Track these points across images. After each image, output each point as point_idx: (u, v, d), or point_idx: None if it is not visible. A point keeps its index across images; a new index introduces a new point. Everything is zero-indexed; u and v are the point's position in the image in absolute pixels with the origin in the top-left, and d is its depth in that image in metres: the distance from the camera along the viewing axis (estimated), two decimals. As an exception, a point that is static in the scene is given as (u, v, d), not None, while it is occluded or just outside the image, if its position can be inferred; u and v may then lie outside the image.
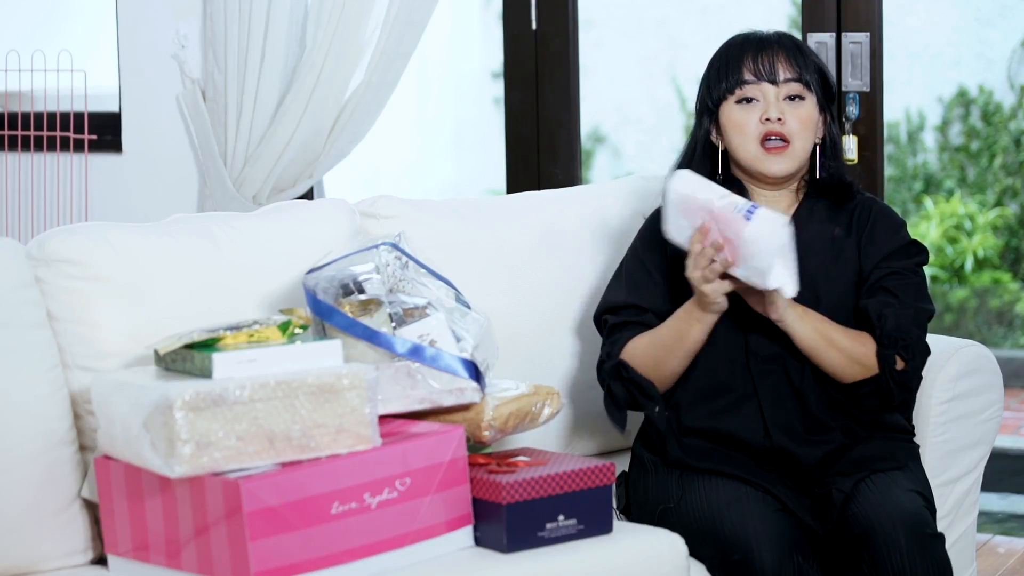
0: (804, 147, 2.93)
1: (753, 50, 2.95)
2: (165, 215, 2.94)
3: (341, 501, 2.42)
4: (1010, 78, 7.54)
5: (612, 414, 2.95)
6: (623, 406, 2.93)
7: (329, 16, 4.05)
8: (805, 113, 2.93)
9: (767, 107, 2.92)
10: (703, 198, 2.79)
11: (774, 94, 2.92)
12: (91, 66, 4.42)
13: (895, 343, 2.85)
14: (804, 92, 2.93)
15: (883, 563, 2.71)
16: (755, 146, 2.93)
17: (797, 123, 2.92)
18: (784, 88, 2.92)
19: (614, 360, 2.93)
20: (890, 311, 2.87)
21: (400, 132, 7.46)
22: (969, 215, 7.51)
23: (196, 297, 2.74)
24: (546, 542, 2.59)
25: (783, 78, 2.92)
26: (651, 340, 2.91)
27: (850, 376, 2.87)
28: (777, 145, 2.92)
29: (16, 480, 2.55)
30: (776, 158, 2.92)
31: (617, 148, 8.07)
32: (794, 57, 2.94)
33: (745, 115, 2.93)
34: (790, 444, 2.88)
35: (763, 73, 2.93)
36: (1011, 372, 6.66)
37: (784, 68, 2.93)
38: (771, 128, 2.91)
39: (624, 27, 7.90)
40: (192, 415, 2.35)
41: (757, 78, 2.93)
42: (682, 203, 2.82)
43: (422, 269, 2.80)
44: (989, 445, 3.21)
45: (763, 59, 2.93)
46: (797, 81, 2.93)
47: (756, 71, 2.93)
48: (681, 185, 2.83)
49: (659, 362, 2.89)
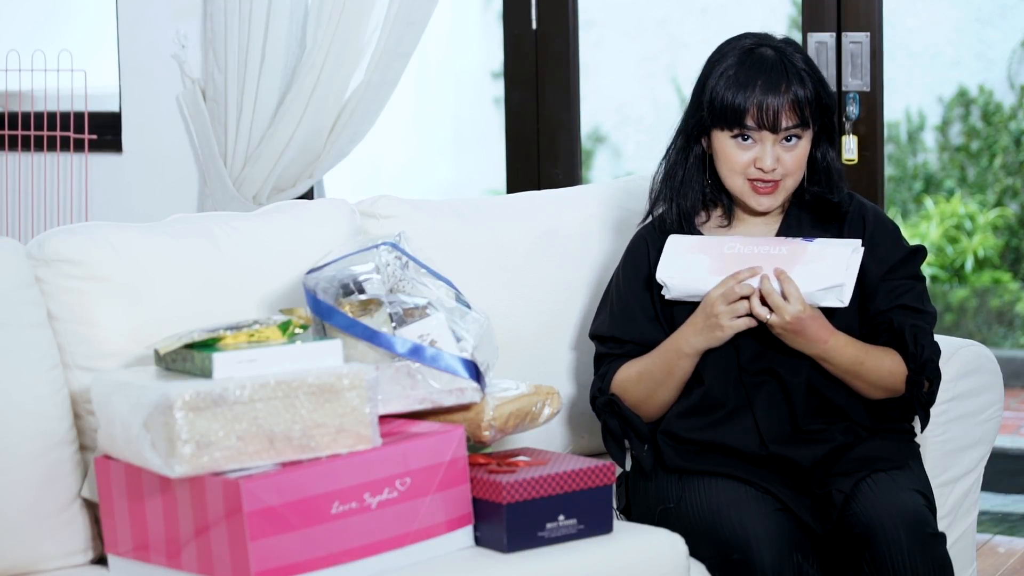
0: (794, 182, 2.91)
1: (759, 94, 2.84)
2: (165, 215, 2.94)
3: (341, 501, 2.42)
4: (1010, 78, 7.54)
5: (610, 448, 2.97)
6: (620, 440, 2.95)
7: (329, 16, 4.05)
8: (800, 151, 2.87)
9: (763, 154, 2.86)
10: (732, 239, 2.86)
11: (772, 140, 2.86)
12: (91, 66, 4.42)
13: (924, 368, 2.87)
14: (802, 134, 2.87)
15: (884, 562, 2.71)
16: (743, 182, 2.90)
17: (790, 163, 2.87)
18: (783, 135, 2.87)
19: (606, 396, 2.95)
20: (926, 339, 2.88)
21: (400, 132, 7.46)
22: (969, 215, 7.51)
23: (196, 297, 2.74)
24: (546, 542, 2.59)
25: (785, 126, 2.85)
26: (640, 373, 2.92)
27: (876, 397, 2.89)
28: (765, 187, 2.90)
29: (16, 480, 2.55)
30: (764, 197, 2.90)
31: (617, 148, 8.07)
32: (799, 102, 2.85)
33: (739, 153, 2.88)
34: (787, 450, 2.87)
35: (766, 123, 2.84)
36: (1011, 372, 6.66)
37: (787, 116, 2.85)
38: (762, 175, 2.88)
39: (624, 27, 7.90)
40: (192, 415, 2.35)
41: (759, 126, 2.85)
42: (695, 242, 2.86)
43: (422, 269, 2.80)
44: (989, 445, 3.21)
45: (768, 107, 2.84)
46: (797, 127, 2.86)
47: (759, 120, 2.84)
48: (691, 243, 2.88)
49: (650, 394, 2.92)
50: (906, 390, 2.87)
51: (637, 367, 2.92)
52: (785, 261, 2.80)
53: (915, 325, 2.89)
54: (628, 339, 2.96)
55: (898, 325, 2.88)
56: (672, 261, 2.87)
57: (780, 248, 2.82)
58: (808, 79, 2.87)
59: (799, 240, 2.84)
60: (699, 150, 2.94)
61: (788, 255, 2.81)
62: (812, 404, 2.89)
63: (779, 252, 2.81)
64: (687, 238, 2.89)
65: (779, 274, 2.78)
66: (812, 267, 2.79)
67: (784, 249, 2.82)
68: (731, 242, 2.85)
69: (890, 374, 2.86)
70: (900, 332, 2.88)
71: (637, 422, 2.92)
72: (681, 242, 2.89)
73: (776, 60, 2.87)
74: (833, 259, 2.79)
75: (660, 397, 2.91)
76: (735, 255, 2.83)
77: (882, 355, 2.87)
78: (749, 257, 2.81)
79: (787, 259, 2.81)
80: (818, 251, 2.81)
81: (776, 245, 2.83)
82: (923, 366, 2.86)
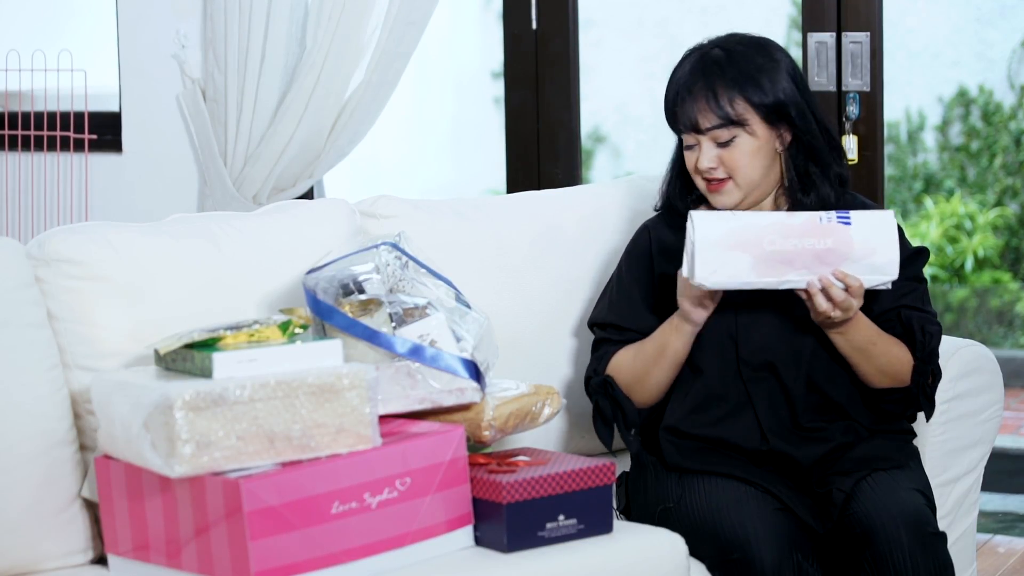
0: (747, 177, 2.89)
1: (679, 99, 2.90)
2: (165, 215, 2.94)
3: (341, 501, 2.42)
4: (1010, 78, 7.54)
5: (599, 429, 2.99)
6: (610, 423, 2.96)
7: (329, 16, 4.05)
8: (741, 150, 2.88)
9: (699, 154, 2.90)
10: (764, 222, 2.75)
11: (705, 141, 2.89)
12: (91, 66, 4.42)
13: (931, 358, 2.88)
14: (733, 132, 2.87)
15: (885, 562, 2.71)
16: (701, 182, 2.93)
17: (732, 161, 2.88)
18: (710, 135, 2.88)
19: (600, 376, 2.96)
20: (934, 329, 2.89)
21: (400, 132, 7.46)
22: (969, 215, 7.51)
23: (196, 297, 2.74)
24: (546, 542, 2.59)
25: (705, 127, 2.87)
26: (635, 353, 2.93)
27: (879, 385, 2.89)
28: (716, 185, 2.91)
29: (16, 480, 2.55)
30: (718, 195, 2.91)
31: (617, 148, 8.07)
32: (714, 101, 2.86)
33: (689, 156, 2.93)
34: (787, 447, 2.88)
35: (687, 124, 2.89)
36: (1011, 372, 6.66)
37: (704, 117, 2.87)
38: (705, 175, 2.91)
39: (624, 27, 7.91)
40: (192, 415, 2.35)
41: (685, 128, 2.90)
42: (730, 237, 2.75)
43: (422, 269, 2.80)
44: (989, 445, 3.21)
45: (684, 110, 2.89)
46: (721, 127, 2.87)
47: (683, 122, 2.90)
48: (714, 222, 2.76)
49: (644, 374, 2.92)
50: (912, 380, 2.88)
51: (633, 348, 2.94)
52: (834, 257, 2.76)
53: (922, 317, 2.91)
54: (627, 327, 2.97)
55: (906, 317, 2.90)
56: (709, 258, 2.75)
57: (824, 240, 2.75)
58: (740, 78, 2.87)
59: (836, 224, 2.76)
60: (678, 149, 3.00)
61: (835, 248, 2.75)
62: (812, 401, 2.90)
63: (824, 246, 2.75)
64: (714, 220, 2.76)
65: (841, 277, 2.77)
66: (864, 263, 2.77)
67: (829, 241, 2.75)
68: (769, 233, 2.75)
69: (898, 360, 2.87)
70: (908, 323, 2.89)
71: (628, 406, 2.94)
72: (711, 229, 2.75)
73: (709, 62, 2.90)
74: (880, 246, 2.75)
75: (654, 377, 2.91)
76: (777, 252, 2.75)
77: (892, 341, 2.88)
78: (792, 253, 2.75)
79: (835, 254, 2.76)
80: (863, 239, 2.75)
81: (817, 236, 2.75)
82: (930, 355, 2.87)
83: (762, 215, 2.78)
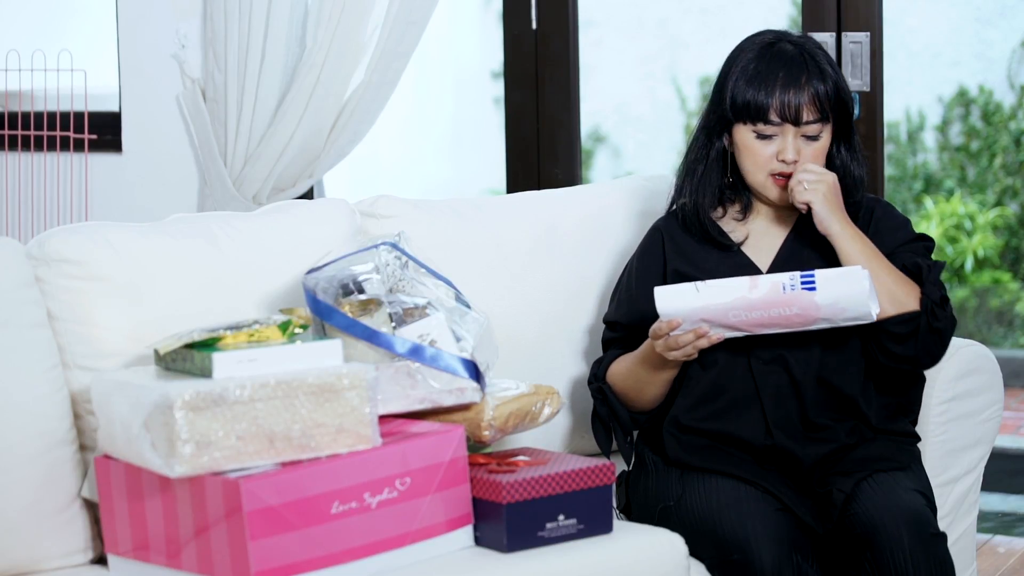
0: None
1: (782, 87, 2.87)
2: (165, 215, 2.94)
3: (341, 501, 2.43)
4: (1010, 78, 7.54)
5: (597, 432, 3.02)
6: (607, 428, 2.99)
7: (329, 16, 4.06)
8: (820, 147, 2.90)
9: (785, 147, 2.88)
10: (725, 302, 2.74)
11: (793, 133, 2.88)
12: (91, 66, 4.42)
13: (940, 288, 2.87)
14: (822, 128, 2.89)
15: (886, 562, 2.71)
16: (764, 175, 2.92)
17: (813, 157, 2.90)
18: (804, 128, 2.89)
19: (600, 382, 2.98)
20: (936, 266, 2.89)
21: (400, 132, 7.46)
22: (969, 215, 7.51)
23: (196, 297, 2.74)
24: (546, 542, 2.59)
25: (806, 119, 2.87)
26: (629, 369, 2.94)
27: (887, 308, 2.84)
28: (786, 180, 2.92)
29: (16, 480, 2.55)
30: (784, 190, 2.92)
31: (617, 148, 8.07)
32: (821, 96, 2.87)
33: (760, 146, 2.90)
34: (792, 444, 2.88)
35: (788, 116, 2.87)
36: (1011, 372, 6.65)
37: (809, 110, 2.87)
38: (784, 168, 2.90)
39: (624, 27, 7.90)
40: (192, 415, 2.35)
41: (782, 120, 2.87)
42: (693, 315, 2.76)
43: (422, 269, 2.80)
44: (989, 445, 3.21)
45: (790, 100, 2.86)
46: (819, 121, 2.88)
47: (782, 113, 2.87)
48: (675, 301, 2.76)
49: (638, 390, 2.94)
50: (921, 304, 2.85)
51: (628, 362, 2.95)
52: (802, 320, 2.76)
53: (925, 259, 2.91)
54: (634, 324, 2.98)
55: (910, 261, 2.90)
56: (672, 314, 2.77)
57: (790, 308, 2.74)
58: (828, 74, 2.89)
59: (800, 291, 2.74)
60: (720, 146, 2.96)
61: (802, 314, 2.75)
62: (821, 396, 2.90)
63: (790, 312, 2.75)
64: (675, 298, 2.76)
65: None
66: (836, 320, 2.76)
67: (795, 308, 2.75)
68: (732, 311, 2.75)
69: (904, 280, 2.86)
70: (914, 264, 2.89)
71: (623, 415, 2.96)
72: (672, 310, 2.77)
73: (796, 54, 2.90)
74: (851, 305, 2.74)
75: (649, 393, 2.93)
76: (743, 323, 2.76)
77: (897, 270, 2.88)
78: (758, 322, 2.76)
79: (803, 318, 2.76)
80: (831, 302, 2.74)
81: (782, 305, 2.74)
82: (937, 285, 2.86)
83: (724, 290, 2.75)
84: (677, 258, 2.98)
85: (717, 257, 2.98)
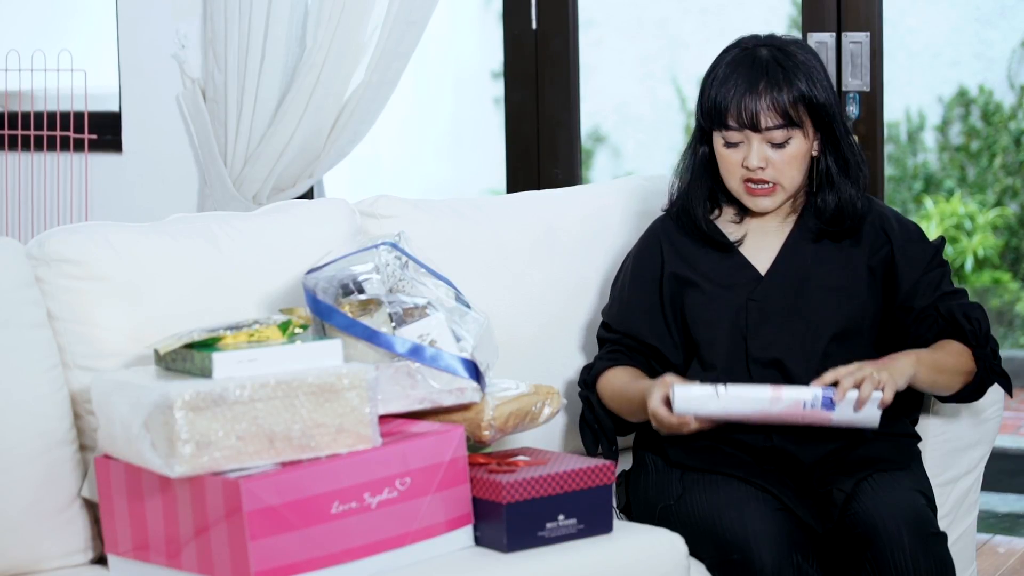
0: (793, 181, 2.91)
1: (739, 94, 2.86)
2: (165, 215, 2.94)
3: (341, 501, 2.42)
4: (1010, 78, 7.54)
5: (584, 435, 3.03)
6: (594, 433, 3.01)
7: (329, 16, 4.05)
8: (789, 154, 2.88)
9: (749, 153, 2.88)
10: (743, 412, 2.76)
11: (757, 140, 2.87)
12: (91, 66, 4.42)
13: (987, 340, 2.93)
14: (789, 134, 2.87)
15: (886, 562, 2.71)
16: (738, 184, 2.92)
17: (782, 164, 2.88)
18: (767, 135, 2.87)
19: (588, 391, 3.00)
20: (975, 312, 2.93)
21: (400, 132, 7.46)
22: (969, 215, 7.51)
23: (196, 297, 2.74)
24: (546, 542, 2.59)
25: (765, 126, 2.86)
26: (620, 394, 2.95)
27: (958, 386, 2.92)
28: (760, 189, 2.91)
29: (16, 480, 2.55)
30: (760, 198, 2.92)
31: (617, 148, 8.06)
32: (779, 101, 2.85)
33: (729, 154, 2.91)
34: (791, 445, 2.88)
35: (745, 121, 2.86)
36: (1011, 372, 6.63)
37: (767, 116, 2.86)
38: (751, 175, 2.90)
39: (624, 27, 7.90)
40: (192, 415, 2.35)
41: (739, 125, 2.87)
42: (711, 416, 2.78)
43: (422, 269, 2.80)
44: (989, 445, 3.20)
45: (746, 106, 2.85)
46: (781, 128, 2.86)
47: (738, 118, 2.86)
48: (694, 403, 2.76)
49: (626, 412, 2.96)
50: (978, 367, 2.91)
51: (619, 385, 2.96)
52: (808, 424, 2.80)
53: (960, 304, 2.93)
54: (623, 331, 3.00)
55: (946, 310, 2.92)
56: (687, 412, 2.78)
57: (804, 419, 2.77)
58: (796, 80, 2.87)
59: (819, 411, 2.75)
60: (704, 151, 2.96)
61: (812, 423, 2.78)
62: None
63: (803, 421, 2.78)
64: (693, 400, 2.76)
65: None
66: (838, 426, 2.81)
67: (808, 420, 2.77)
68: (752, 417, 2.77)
69: (959, 354, 2.90)
70: (950, 315, 2.92)
71: (608, 425, 2.98)
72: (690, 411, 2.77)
73: (766, 59, 2.89)
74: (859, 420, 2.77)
75: (635, 417, 2.94)
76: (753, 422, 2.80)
77: (942, 348, 2.90)
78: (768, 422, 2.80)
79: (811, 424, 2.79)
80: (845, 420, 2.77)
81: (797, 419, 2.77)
82: (985, 337, 2.91)
83: (745, 401, 2.76)
84: (675, 260, 2.98)
85: (716, 258, 2.98)
